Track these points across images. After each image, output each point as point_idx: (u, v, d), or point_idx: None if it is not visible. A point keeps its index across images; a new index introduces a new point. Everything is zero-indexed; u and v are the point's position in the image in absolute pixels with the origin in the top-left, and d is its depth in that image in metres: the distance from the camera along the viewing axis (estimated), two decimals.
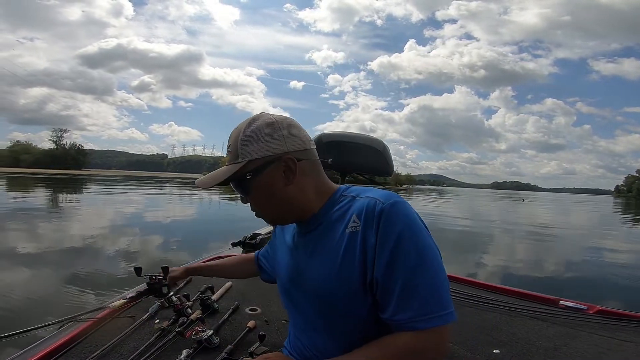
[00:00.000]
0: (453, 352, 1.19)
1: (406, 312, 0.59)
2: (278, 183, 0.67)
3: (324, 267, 0.67)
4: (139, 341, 1.10)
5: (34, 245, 5.95)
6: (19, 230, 7.48)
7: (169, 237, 7.33)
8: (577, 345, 1.28)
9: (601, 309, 1.53)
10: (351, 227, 0.64)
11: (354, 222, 0.64)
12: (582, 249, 8.71)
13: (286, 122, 0.69)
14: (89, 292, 3.74)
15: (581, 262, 7.03)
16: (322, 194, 0.72)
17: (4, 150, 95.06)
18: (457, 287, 1.73)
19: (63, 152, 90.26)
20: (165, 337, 1.11)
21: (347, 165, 1.61)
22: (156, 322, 1.23)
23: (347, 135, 1.59)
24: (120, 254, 5.64)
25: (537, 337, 1.33)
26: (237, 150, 0.68)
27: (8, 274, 4.45)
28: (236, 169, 0.67)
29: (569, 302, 1.59)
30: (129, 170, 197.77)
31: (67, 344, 1.04)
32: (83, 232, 7.33)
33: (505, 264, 6.50)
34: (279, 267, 0.84)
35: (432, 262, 0.60)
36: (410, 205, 0.64)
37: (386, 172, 1.63)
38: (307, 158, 0.69)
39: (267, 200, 0.70)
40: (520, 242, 9.58)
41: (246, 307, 1.44)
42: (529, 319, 1.47)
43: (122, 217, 10.18)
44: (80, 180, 36.78)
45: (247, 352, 1.02)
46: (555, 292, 1.73)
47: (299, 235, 0.75)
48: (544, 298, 1.66)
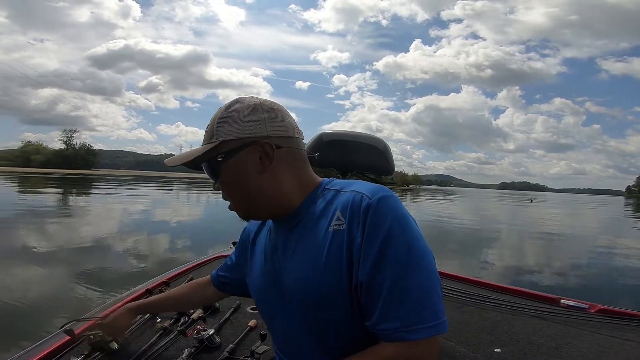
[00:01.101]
0: (454, 351, 1.19)
1: (393, 321, 0.52)
2: (252, 169, 0.61)
3: (306, 269, 0.59)
4: (141, 340, 1.10)
5: (51, 243, 6.10)
6: (36, 228, 7.63)
7: (171, 236, 7.41)
8: (579, 344, 1.27)
9: (603, 308, 1.52)
10: (335, 224, 0.57)
11: (338, 219, 0.57)
12: (585, 249, 8.63)
13: (270, 106, 0.63)
14: (95, 289, 3.80)
15: (583, 261, 6.97)
16: (304, 188, 0.64)
17: (15, 150, 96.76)
18: (458, 286, 1.72)
19: (73, 153, 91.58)
20: (166, 337, 1.11)
21: (347, 165, 1.61)
22: (157, 322, 1.22)
23: (348, 134, 1.59)
24: (122, 252, 5.73)
25: (538, 336, 1.32)
26: (212, 130, 0.63)
27: (24, 270, 4.55)
28: (207, 148, 0.61)
29: (570, 301, 1.58)
30: (137, 170, 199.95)
31: (68, 344, 1.04)
32: (95, 231, 7.44)
33: (507, 263, 6.48)
34: (253, 275, 0.74)
35: (424, 263, 0.54)
36: (400, 200, 0.57)
37: (387, 171, 1.63)
38: (288, 146, 0.63)
39: (239, 188, 0.63)
40: (523, 242, 9.51)
41: (247, 306, 1.44)
42: (530, 318, 1.46)
43: (126, 217, 10.31)
44: (90, 180, 37.27)
45: (248, 351, 1.02)
46: (557, 291, 1.72)
47: (277, 234, 0.67)
48: (545, 297, 1.65)
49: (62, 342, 1.03)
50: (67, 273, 4.50)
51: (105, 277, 4.30)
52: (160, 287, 1.47)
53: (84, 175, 50.38)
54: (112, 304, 1.31)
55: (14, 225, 7.81)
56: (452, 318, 1.45)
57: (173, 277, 1.67)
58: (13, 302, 3.35)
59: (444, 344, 1.22)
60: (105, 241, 6.54)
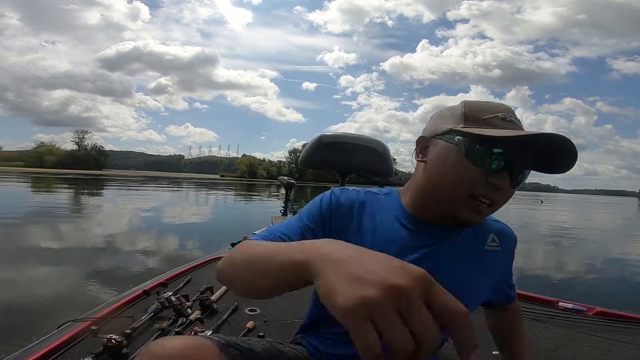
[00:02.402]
0: (452, 354, 1.20)
1: (514, 292, 0.79)
2: None
3: (462, 276, 0.63)
4: (138, 341, 1.10)
5: (74, 239, 6.29)
6: (56, 227, 7.84)
7: (174, 236, 7.48)
8: (577, 346, 1.27)
9: (600, 310, 1.52)
10: (491, 245, 0.68)
11: (493, 241, 0.69)
12: (586, 251, 8.53)
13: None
14: (95, 289, 3.86)
15: (582, 264, 6.90)
16: None
17: (29, 151, 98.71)
18: None
19: (85, 153, 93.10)
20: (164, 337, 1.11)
21: (347, 166, 1.63)
22: (155, 323, 1.23)
23: (347, 136, 1.61)
24: (126, 250, 5.85)
25: (536, 338, 1.32)
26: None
27: (41, 268, 4.66)
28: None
29: (568, 304, 1.58)
30: (147, 170, 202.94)
31: (67, 344, 1.04)
32: (106, 230, 7.58)
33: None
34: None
35: None
36: None
37: (386, 172, 1.64)
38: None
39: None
40: (524, 243, 9.43)
41: (245, 307, 1.45)
42: (528, 320, 1.46)
43: (133, 217, 10.46)
44: (102, 180, 37.85)
45: None
46: (555, 293, 1.72)
47: (430, 235, 0.64)
48: (543, 300, 1.65)
49: (61, 341, 1.04)
50: (70, 272, 4.59)
51: (105, 277, 4.37)
52: (157, 287, 1.47)
53: (95, 176, 51.20)
54: (109, 304, 1.32)
55: (41, 222, 8.04)
56: None
57: (171, 277, 1.68)
58: (19, 298, 3.42)
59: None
60: (116, 239, 6.66)
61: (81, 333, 1.10)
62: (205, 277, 1.71)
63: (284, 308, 1.48)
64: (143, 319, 1.22)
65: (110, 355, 1.00)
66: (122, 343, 1.03)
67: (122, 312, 1.30)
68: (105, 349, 1.00)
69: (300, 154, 1.79)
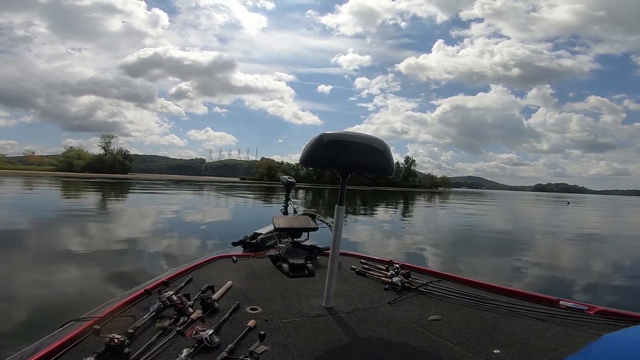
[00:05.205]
0: (453, 352, 1.19)
1: None
2: None
3: None
4: (140, 340, 1.12)
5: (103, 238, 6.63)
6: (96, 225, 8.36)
7: (177, 236, 7.71)
8: (578, 345, 1.24)
9: (602, 309, 1.49)
10: None
11: None
12: (586, 250, 8.25)
13: None
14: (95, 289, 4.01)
15: (583, 263, 6.67)
16: None
17: (59, 156, 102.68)
18: (458, 287, 1.71)
19: (111, 158, 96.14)
20: (165, 337, 1.13)
21: (347, 165, 1.64)
22: (157, 322, 1.25)
23: (347, 135, 1.62)
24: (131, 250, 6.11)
25: (537, 337, 1.31)
26: None
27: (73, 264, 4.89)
28: None
29: (569, 303, 1.56)
30: (170, 174, 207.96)
31: (67, 344, 1.06)
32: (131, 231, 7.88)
33: (508, 265, 6.32)
34: None
35: None
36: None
37: (387, 172, 1.64)
38: None
39: None
40: (525, 243, 9.20)
41: (247, 306, 1.46)
42: (529, 319, 1.44)
43: (152, 218, 10.88)
44: (128, 183, 39.26)
45: (247, 351, 1.04)
46: (556, 292, 1.68)
47: None
48: (544, 298, 1.63)
49: (62, 341, 1.06)
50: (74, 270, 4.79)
51: (105, 277, 4.51)
52: (159, 287, 1.49)
53: (121, 179, 53.11)
54: (111, 304, 1.35)
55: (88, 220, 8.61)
56: (451, 319, 1.45)
57: (172, 277, 1.69)
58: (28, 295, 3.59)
59: (443, 345, 1.23)
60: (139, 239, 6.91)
61: (83, 332, 1.12)
62: (206, 276, 1.73)
63: (285, 307, 1.50)
64: (145, 318, 1.24)
65: (113, 354, 1.02)
66: (125, 342, 1.04)
67: (124, 311, 1.32)
68: (107, 348, 1.02)
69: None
